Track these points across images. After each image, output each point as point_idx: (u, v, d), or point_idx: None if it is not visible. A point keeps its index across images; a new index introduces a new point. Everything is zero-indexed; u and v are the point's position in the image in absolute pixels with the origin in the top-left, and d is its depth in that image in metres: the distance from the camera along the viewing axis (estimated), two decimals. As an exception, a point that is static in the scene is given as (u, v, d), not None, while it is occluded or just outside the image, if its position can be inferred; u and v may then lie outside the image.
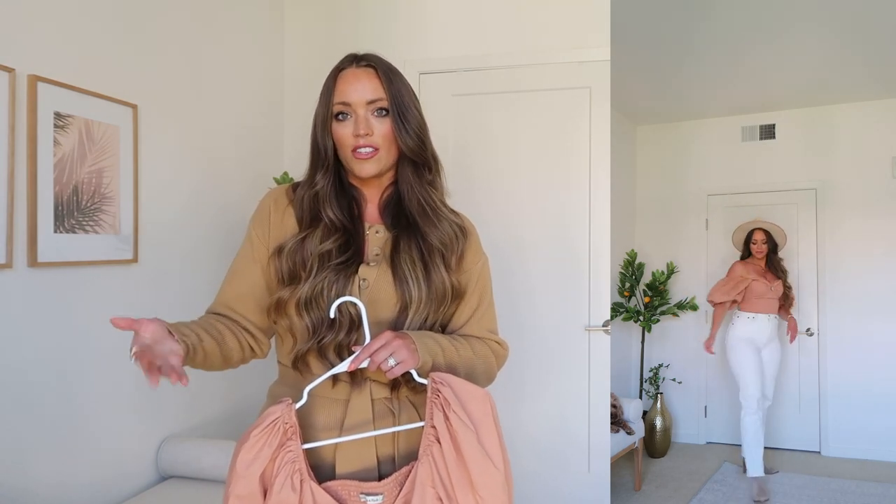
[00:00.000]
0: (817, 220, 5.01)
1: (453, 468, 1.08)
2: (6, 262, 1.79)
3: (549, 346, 2.86)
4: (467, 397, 1.10)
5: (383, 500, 1.10)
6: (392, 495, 1.11)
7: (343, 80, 1.23)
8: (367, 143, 1.19)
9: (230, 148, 2.72)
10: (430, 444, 1.10)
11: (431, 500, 1.07)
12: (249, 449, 1.07)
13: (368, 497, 1.10)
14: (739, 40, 3.66)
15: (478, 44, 2.90)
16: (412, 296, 1.20)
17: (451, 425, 1.08)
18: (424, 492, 1.08)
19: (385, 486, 1.11)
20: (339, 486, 1.11)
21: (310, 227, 1.23)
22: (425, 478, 1.09)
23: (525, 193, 2.88)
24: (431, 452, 1.09)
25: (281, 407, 1.10)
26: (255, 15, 2.90)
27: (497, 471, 1.07)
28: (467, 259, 1.30)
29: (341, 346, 1.18)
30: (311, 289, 1.17)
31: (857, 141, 4.90)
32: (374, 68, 1.23)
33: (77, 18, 2.02)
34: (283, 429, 1.09)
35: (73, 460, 2.01)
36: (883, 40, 3.65)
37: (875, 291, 4.82)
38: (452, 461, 1.08)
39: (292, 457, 1.10)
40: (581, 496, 2.83)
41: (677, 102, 4.93)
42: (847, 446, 4.83)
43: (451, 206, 1.34)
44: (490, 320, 1.35)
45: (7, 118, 1.78)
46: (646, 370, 5.22)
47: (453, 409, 1.08)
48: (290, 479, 1.08)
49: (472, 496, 1.07)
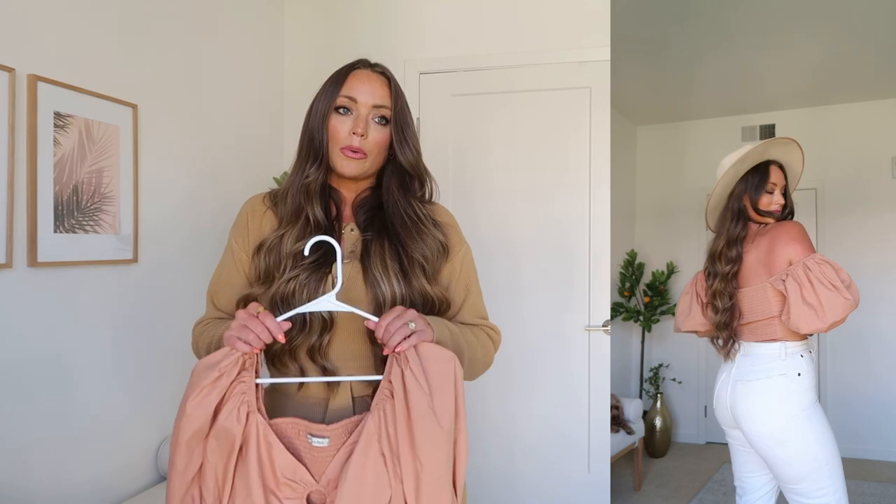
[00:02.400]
0: (817, 220, 5.01)
1: (401, 426, 1.05)
2: (6, 262, 1.79)
3: (549, 347, 2.85)
4: (431, 359, 1.08)
5: (329, 443, 1.10)
6: (339, 441, 1.10)
7: (355, 77, 1.25)
8: (359, 146, 1.21)
9: (230, 148, 2.72)
10: (383, 399, 1.08)
11: (375, 454, 1.06)
12: (207, 374, 1.06)
13: (314, 439, 1.10)
14: (739, 40, 3.66)
15: (478, 44, 2.90)
16: (385, 296, 1.19)
17: (405, 383, 1.06)
18: (369, 445, 1.06)
19: (332, 431, 1.10)
20: (288, 424, 1.10)
21: (290, 222, 1.23)
22: (372, 431, 1.07)
23: (525, 193, 2.88)
24: (383, 407, 1.08)
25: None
26: (255, 15, 2.90)
27: (440, 429, 1.05)
28: (448, 255, 1.30)
29: (313, 349, 1.18)
30: (284, 288, 1.18)
31: (857, 141, 4.91)
32: (387, 78, 1.27)
33: (77, 18, 2.02)
34: (241, 360, 1.08)
35: (73, 460, 2.01)
36: (883, 40, 3.65)
37: (875, 291, 4.82)
38: (402, 419, 1.05)
39: (243, 388, 1.08)
40: (581, 496, 2.83)
41: (677, 102, 4.93)
42: (847, 446, 4.83)
43: (436, 203, 1.34)
44: (480, 307, 1.36)
45: (7, 118, 1.78)
46: (646, 370, 5.22)
47: (411, 368, 1.06)
48: (236, 409, 1.07)
49: (411, 458, 1.05)
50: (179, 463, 1.08)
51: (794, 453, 2.04)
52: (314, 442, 1.10)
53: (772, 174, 2.25)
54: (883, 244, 4.82)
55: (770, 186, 2.24)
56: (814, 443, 2.04)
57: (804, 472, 2.04)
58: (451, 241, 1.30)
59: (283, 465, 1.08)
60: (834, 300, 1.97)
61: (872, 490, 4.10)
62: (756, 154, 2.24)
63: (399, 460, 1.05)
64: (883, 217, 4.83)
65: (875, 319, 4.79)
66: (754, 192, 2.24)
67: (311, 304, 1.12)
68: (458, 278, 1.31)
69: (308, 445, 1.10)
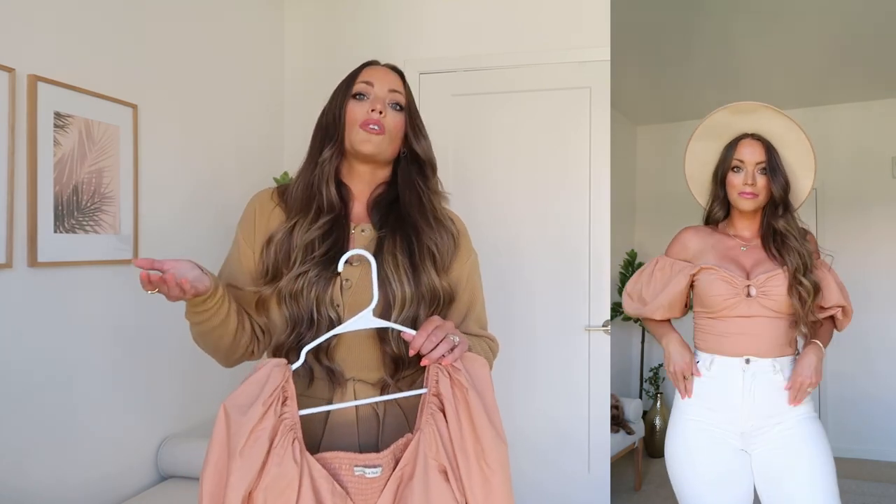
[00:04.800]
0: (817, 220, 5.01)
1: (466, 436, 0.99)
2: (6, 262, 1.79)
3: (549, 347, 2.85)
4: (470, 362, 1.04)
5: (382, 473, 1.00)
6: (388, 468, 1.01)
7: (370, 68, 1.30)
8: (378, 121, 1.22)
9: (230, 148, 2.72)
10: (433, 413, 1.01)
11: (434, 472, 0.98)
12: (252, 417, 0.91)
13: (366, 469, 0.99)
14: (739, 40, 3.67)
15: (477, 44, 2.90)
16: (395, 295, 1.17)
17: (457, 392, 1.00)
18: (427, 463, 0.99)
19: (383, 459, 1.01)
20: (332, 459, 1.00)
21: (300, 211, 1.23)
22: (428, 449, 1.00)
23: (525, 193, 2.88)
24: (435, 421, 1.00)
25: (280, 370, 0.98)
26: (255, 15, 2.90)
27: (504, 443, 1.00)
28: (458, 258, 1.30)
29: (319, 349, 1.17)
30: (293, 284, 1.17)
31: (857, 141, 4.90)
32: (400, 75, 1.31)
33: (77, 18, 2.02)
34: (282, 395, 0.97)
35: (73, 460, 2.01)
36: (882, 40, 3.65)
37: (875, 291, 4.81)
38: (456, 430, 0.99)
39: (290, 423, 0.96)
40: (581, 496, 2.83)
41: (677, 102, 4.93)
42: (847, 446, 4.83)
43: (448, 208, 1.34)
44: (483, 318, 1.36)
45: (7, 118, 1.78)
46: (646, 370, 5.22)
47: (462, 379, 1.01)
48: (290, 449, 0.94)
49: (476, 466, 0.98)
50: None
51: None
52: (368, 473, 0.99)
53: (740, 148, 1.81)
54: (883, 244, 4.82)
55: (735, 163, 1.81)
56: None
57: None
58: (461, 247, 1.31)
59: (335, 501, 0.96)
60: None
61: (872, 490, 4.10)
62: (720, 128, 1.85)
63: (460, 473, 0.99)
64: (883, 217, 4.82)
65: (876, 319, 4.79)
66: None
67: (348, 323, 1.07)
68: (465, 286, 1.31)
69: (356, 478, 0.99)
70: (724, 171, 1.83)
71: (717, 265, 1.79)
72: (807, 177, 1.85)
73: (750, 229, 1.86)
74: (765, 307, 1.73)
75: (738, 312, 1.75)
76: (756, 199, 1.78)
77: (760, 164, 1.79)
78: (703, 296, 1.80)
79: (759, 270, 1.76)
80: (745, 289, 1.75)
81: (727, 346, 1.77)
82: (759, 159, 1.79)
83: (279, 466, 0.91)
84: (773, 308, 1.73)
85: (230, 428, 0.92)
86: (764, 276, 1.74)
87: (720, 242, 1.86)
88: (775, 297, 1.72)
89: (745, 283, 1.75)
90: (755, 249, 1.83)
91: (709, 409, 1.78)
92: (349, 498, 0.97)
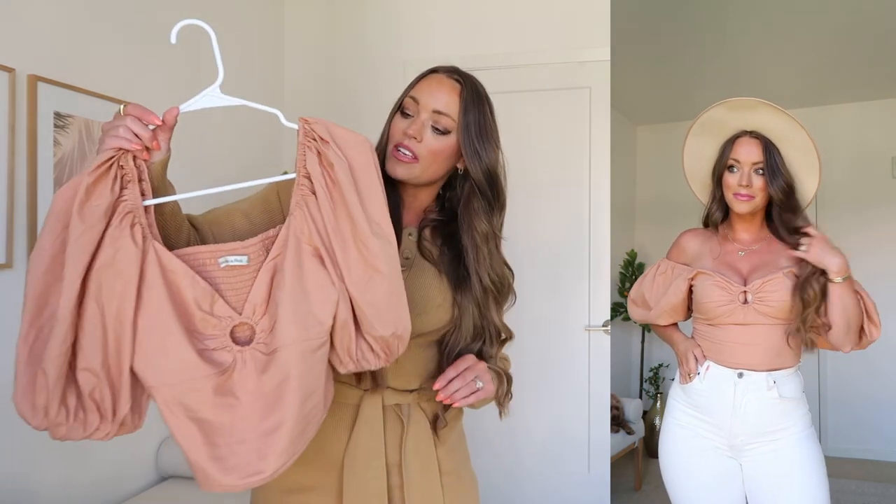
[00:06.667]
0: (817, 220, 5.00)
1: (329, 220, 0.90)
2: (6, 262, 1.79)
3: (549, 346, 2.85)
4: (344, 140, 0.94)
5: (249, 261, 0.92)
6: (258, 260, 0.92)
7: (427, 80, 1.19)
8: (410, 147, 1.12)
9: (230, 148, 2.72)
10: (304, 196, 0.92)
11: (309, 256, 0.90)
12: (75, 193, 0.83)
13: (230, 258, 0.91)
14: (739, 40, 3.67)
15: (478, 44, 2.90)
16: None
17: (326, 167, 0.92)
18: (301, 248, 0.90)
19: (249, 247, 0.93)
20: (192, 253, 0.92)
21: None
22: (301, 233, 0.91)
23: (525, 193, 2.87)
24: (307, 204, 0.91)
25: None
26: (255, 15, 2.90)
27: (385, 239, 0.91)
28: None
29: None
30: None
31: (857, 141, 4.90)
32: (460, 85, 1.18)
33: (77, 18, 2.01)
34: (117, 172, 0.88)
35: (73, 460, 2.01)
36: (882, 40, 3.65)
37: (875, 291, 4.79)
38: (329, 211, 0.90)
39: (129, 206, 0.87)
40: (581, 496, 2.83)
41: (677, 102, 4.93)
42: (847, 446, 4.83)
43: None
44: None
45: (7, 118, 1.78)
46: (646, 370, 5.22)
47: (332, 148, 0.92)
48: (129, 231, 0.86)
49: (354, 249, 0.90)
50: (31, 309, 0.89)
51: None
52: (231, 261, 0.91)
53: (737, 147, 1.72)
54: (883, 244, 4.82)
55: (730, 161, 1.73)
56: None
57: None
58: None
59: (197, 295, 0.88)
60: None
61: (872, 490, 4.10)
62: (717, 124, 1.77)
63: (337, 259, 0.90)
64: (883, 217, 4.82)
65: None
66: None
67: (195, 100, 1.00)
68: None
69: (222, 269, 0.91)
70: (721, 169, 1.75)
71: (712, 270, 1.73)
72: (811, 175, 1.77)
73: (749, 232, 1.78)
74: (761, 314, 1.67)
75: (735, 320, 1.69)
76: (751, 201, 1.69)
77: (757, 165, 1.70)
78: (700, 302, 1.74)
79: (756, 276, 1.69)
80: (742, 295, 1.68)
81: (722, 355, 1.72)
82: (755, 159, 1.70)
83: (113, 248, 0.85)
84: (771, 314, 1.66)
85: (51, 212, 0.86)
86: (760, 281, 1.67)
87: (718, 247, 1.79)
88: (772, 302, 1.65)
89: (741, 290, 1.68)
90: (754, 254, 1.75)
91: (700, 419, 1.75)
92: (217, 292, 0.89)
